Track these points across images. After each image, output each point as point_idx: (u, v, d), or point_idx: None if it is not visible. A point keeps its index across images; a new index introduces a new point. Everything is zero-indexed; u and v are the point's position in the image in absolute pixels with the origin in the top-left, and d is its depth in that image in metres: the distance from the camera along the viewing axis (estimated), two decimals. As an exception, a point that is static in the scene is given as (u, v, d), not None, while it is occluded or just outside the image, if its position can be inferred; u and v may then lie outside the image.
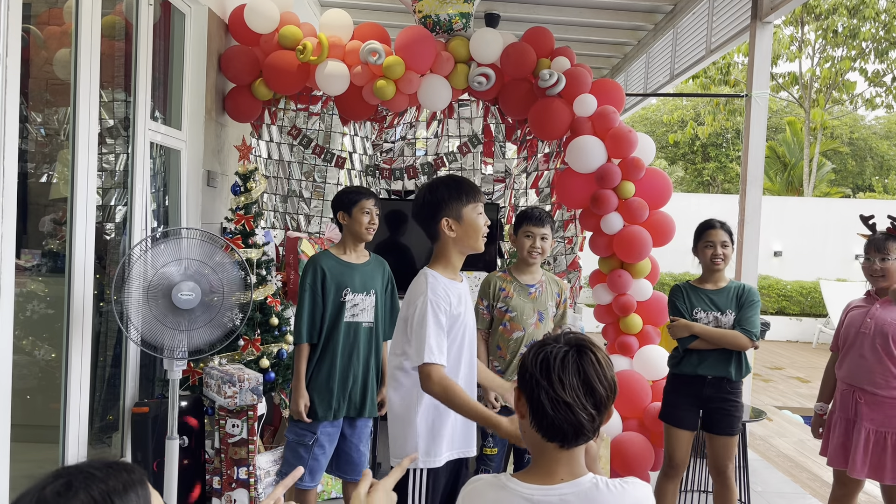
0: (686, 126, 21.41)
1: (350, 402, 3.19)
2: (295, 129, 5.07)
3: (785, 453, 5.84)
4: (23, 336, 3.19)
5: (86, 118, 3.25)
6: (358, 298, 3.17)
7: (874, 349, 3.19)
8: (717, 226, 3.48)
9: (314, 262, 3.19)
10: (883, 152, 24.99)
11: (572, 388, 1.37)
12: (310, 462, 3.15)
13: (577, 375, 1.38)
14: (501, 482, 1.45)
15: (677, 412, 3.43)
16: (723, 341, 3.32)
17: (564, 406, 1.37)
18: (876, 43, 16.52)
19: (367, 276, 3.21)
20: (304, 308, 3.13)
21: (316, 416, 3.13)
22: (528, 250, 3.29)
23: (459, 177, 2.46)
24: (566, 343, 1.43)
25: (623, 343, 4.76)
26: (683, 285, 3.55)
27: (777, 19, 5.36)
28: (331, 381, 3.14)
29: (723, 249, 3.44)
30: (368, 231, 3.19)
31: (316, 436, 3.13)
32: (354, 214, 3.17)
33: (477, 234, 2.33)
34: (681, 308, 3.45)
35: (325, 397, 3.13)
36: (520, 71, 4.61)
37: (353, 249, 3.24)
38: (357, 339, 3.18)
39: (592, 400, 1.38)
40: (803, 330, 13.78)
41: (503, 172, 5.33)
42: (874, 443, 3.15)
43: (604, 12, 6.85)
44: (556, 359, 1.39)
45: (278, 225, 5.10)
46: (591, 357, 1.40)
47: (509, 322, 3.28)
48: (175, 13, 4.25)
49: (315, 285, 3.14)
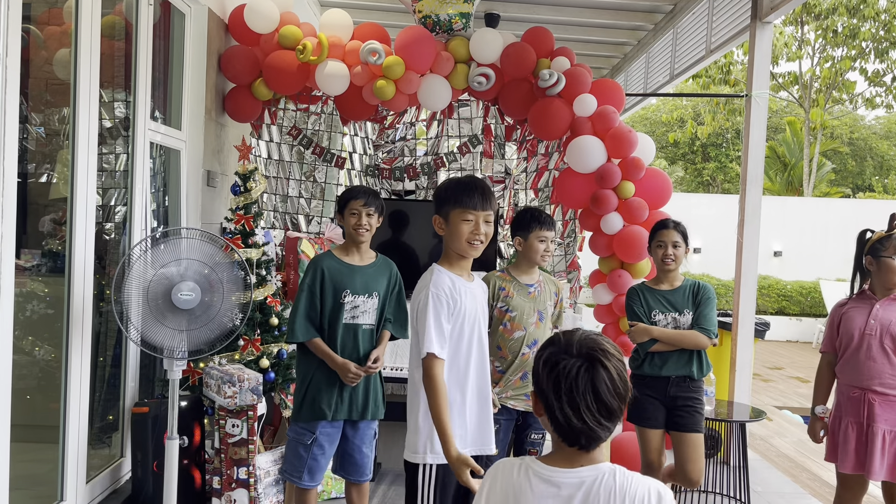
0: (686, 125, 21.40)
1: (351, 405, 3.16)
2: (295, 129, 5.07)
3: (785, 453, 5.85)
4: (23, 336, 3.18)
5: (86, 118, 3.25)
6: (358, 300, 3.15)
7: (883, 350, 3.17)
8: (671, 226, 3.48)
9: (315, 263, 3.17)
10: (883, 152, 25.00)
11: (587, 407, 1.42)
12: (308, 462, 3.14)
13: (590, 393, 1.42)
14: (526, 463, 1.52)
15: (645, 412, 3.46)
16: (683, 342, 3.35)
17: (579, 421, 1.42)
18: (876, 43, 16.52)
19: (369, 278, 3.18)
20: (299, 308, 3.11)
21: (314, 416, 3.12)
22: (542, 255, 3.30)
23: (467, 180, 2.47)
24: (578, 355, 1.45)
25: (622, 343, 4.76)
26: (639, 287, 3.54)
27: (777, 19, 5.36)
28: (330, 381, 3.12)
29: (674, 250, 3.43)
30: (358, 233, 3.14)
31: (315, 436, 3.12)
32: (345, 216, 3.15)
33: (459, 238, 2.38)
34: (638, 312, 3.45)
35: (324, 398, 3.11)
36: (520, 71, 4.61)
37: (355, 251, 3.21)
38: (356, 342, 3.15)
39: (606, 413, 1.43)
40: (803, 330, 13.78)
41: (503, 172, 5.33)
42: (889, 442, 3.14)
43: (604, 12, 6.85)
44: (569, 376, 1.43)
45: (278, 225, 5.11)
46: (602, 373, 1.43)
47: (510, 322, 3.28)
48: (175, 13, 4.25)
49: (313, 286, 3.12)
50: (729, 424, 4.79)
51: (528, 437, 3.34)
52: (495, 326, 3.32)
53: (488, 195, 2.42)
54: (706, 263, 14.20)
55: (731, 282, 11.06)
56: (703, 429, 3.47)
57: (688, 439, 3.41)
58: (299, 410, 3.16)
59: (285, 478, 3.23)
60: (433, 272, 2.40)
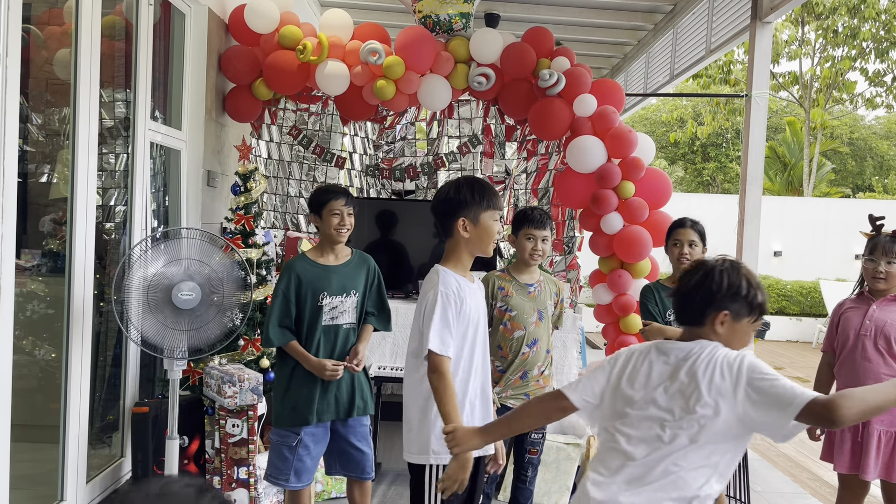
0: (686, 125, 21.41)
1: (337, 404, 3.12)
2: (295, 129, 5.07)
3: (785, 453, 5.85)
4: (23, 336, 3.19)
5: (86, 118, 3.25)
6: (336, 301, 3.11)
7: (877, 351, 3.18)
8: (688, 224, 3.45)
9: (289, 268, 3.11)
10: (883, 152, 24.99)
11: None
12: (294, 463, 3.09)
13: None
14: (652, 343, 1.96)
15: None
16: None
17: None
18: (877, 43, 16.51)
19: (345, 278, 3.14)
20: (273, 313, 3.05)
21: (298, 421, 3.07)
22: (530, 253, 3.29)
23: (485, 181, 2.50)
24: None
25: (623, 343, 4.76)
26: (654, 286, 3.51)
27: (777, 19, 5.36)
28: (311, 384, 3.07)
29: (690, 249, 3.41)
30: (339, 233, 3.09)
31: (299, 437, 3.08)
32: (324, 217, 3.08)
33: (490, 239, 2.42)
34: (653, 311, 3.42)
35: (307, 401, 3.07)
36: (520, 71, 4.61)
37: (330, 251, 3.16)
38: (337, 342, 3.12)
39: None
40: (803, 330, 13.77)
41: (503, 172, 5.33)
42: (885, 443, 3.15)
43: (604, 12, 6.86)
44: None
45: (278, 225, 5.11)
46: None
47: (510, 321, 3.28)
48: (175, 13, 4.25)
49: (288, 292, 3.07)
50: (729, 424, 4.78)
51: (528, 437, 3.34)
52: (495, 326, 3.32)
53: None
54: (706, 263, 14.16)
55: (731, 282, 11.04)
56: None
57: None
58: (281, 415, 3.11)
59: (270, 482, 3.16)
60: (439, 273, 2.39)
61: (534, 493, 3.43)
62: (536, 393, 3.31)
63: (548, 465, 4.10)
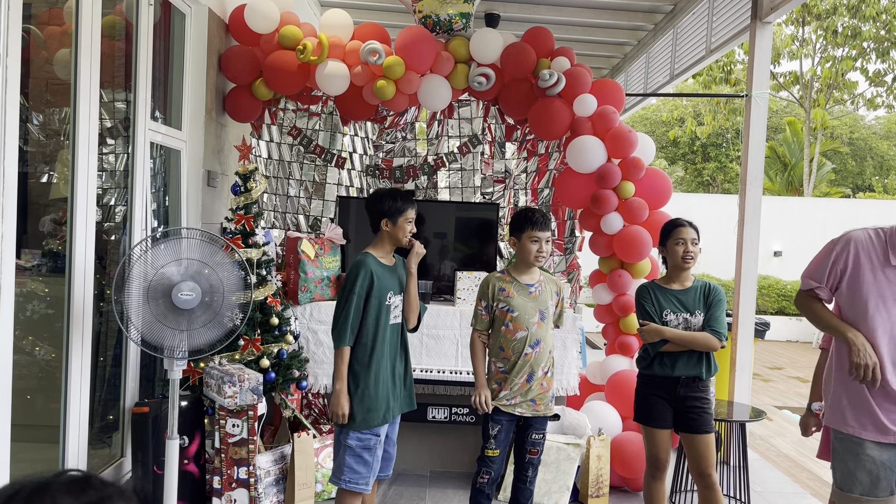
0: (686, 124, 21.40)
1: (401, 399, 3.21)
2: (295, 129, 5.07)
3: (785, 453, 5.85)
4: (23, 336, 3.19)
5: (86, 118, 3.25)
6: (397, 300, 3.19)
7: None
8: (687, 224, 3.49)
9: (365, 266, 3.10)
10: (883, 152, 24.99)
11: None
12: (374, 465, 3.10)
13: None
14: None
15: (653, 412, 3.44)
16: (694, 344, 3.32)
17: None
18: (877, 43, 16.52)
19: (400, 277, 3.24)
20: (350, 311, 3.03)
21: (376, 421, 3.07)
22: (535, 255, 3.29)
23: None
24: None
25: (623, 343, 4.76)
26: (650, 286, 3.51)
27: (777, 19, 5.36)
28: (384, 387, 3.10)
29: (693, 247, 3.43)
30: (408, 239, 3.23)
31: (379, 437, 3.10)
32: (400, 223, 3.16)
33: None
34: (649, 311, 3.42)
35: (383, 404, 3.09)
36: (520, 71, 4.61)
37: (388, 252, 3.25)
38: (396, 340, 3.21)
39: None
40: (803, 330, 13.78)
41: (503, 172, 5.33)
42: None
43: (604, 12, 6.85)
44: None
45: (278, 225, 5.11)
46: None
47: (512, 322, 3.28)
48: (175, 13, 4.25)
49: (363, 289, 3.07)
50: (729, 424, 4.79)
51: (528, 437, 3.34)
52: (496, 327, 3.32)
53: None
54: (706, 263, 14.18)
55: (730, 282, 11.06)
56: (714, 428, 3.46)
57: (702, 440, 3.39)
58: (356, 418, 3.04)
59: (349, 488, 3.06)
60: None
61: (534, 493, 3.43)
62: (540, 396, 3.31)
63: (548, 465, 4.10)
